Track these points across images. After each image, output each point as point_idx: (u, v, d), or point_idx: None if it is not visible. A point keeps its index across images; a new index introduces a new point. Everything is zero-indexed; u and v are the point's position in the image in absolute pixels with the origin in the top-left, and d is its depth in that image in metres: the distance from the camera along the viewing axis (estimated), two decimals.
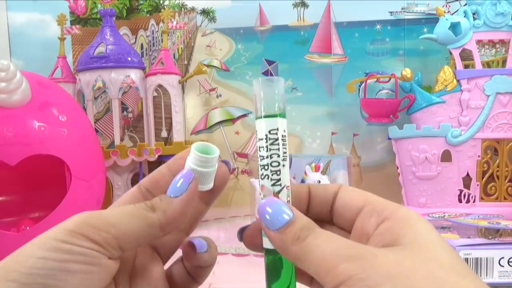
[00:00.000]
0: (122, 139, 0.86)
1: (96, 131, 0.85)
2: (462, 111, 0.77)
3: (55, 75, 0.86)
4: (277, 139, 0.21)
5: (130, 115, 0.94)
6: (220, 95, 0.99)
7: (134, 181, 0.82)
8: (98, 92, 0.91)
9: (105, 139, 0.91)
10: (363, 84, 0.87)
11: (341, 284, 0.17)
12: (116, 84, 0.79)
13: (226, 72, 0.98)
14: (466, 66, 0.79)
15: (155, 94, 0.88)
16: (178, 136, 0.83)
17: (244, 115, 0.99)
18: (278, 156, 0.21)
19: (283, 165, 0.21)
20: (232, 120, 0.98)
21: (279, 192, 0.22)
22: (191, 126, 0.95)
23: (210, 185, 0.23)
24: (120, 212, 0.21)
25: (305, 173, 0.57)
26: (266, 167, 0.21)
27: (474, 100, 0.76)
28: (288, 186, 0.22)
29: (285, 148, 0.22)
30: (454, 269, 0.18)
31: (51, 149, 0.57)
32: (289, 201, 0.22)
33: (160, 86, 0.83)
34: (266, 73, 0.98)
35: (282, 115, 0.22)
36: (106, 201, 0.71)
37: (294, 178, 0.60)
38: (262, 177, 0.22)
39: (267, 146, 0.21)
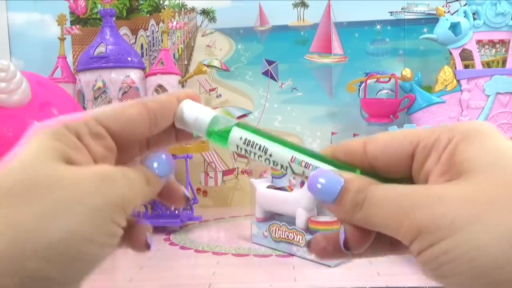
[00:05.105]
0: None
1: None
2: (462, 111, 0.77)
3: (55, 75, 0.86)
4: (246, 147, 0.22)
5: None
6: (220, 95, 0.99)
7: None
8: (98, 92, 0.91)
9: None
10: (363, 84, 0.87)
11: (415, 240, 0.15)
12: (116, 84, 0.79)
13: (226, 72, 0.98)
14: (466, 66, 0.79)
15: (155, 94, 0.88)
16: None
17: (244, 115, 0.99)
18: (255, 154, 0.22)
19: (269, 155, 0.21)
20: None
21: (287, 169, 0.22)
22: None
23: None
24: (132, 182, 0.18)
25: None
26: (267, 163, 0.22)
27: (474, 100, 0.76)
28: (293, 157, 0.21)
29: (254, 143, 0.21)
30: None
31: None
32: (306, 164, 0.20)
33: (160, 86, 0.83)
34: (266, 73, 0.98)
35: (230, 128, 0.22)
36: None
37: (294, 178, 0.60)
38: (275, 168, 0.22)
39: (245, 152, 0.22)
